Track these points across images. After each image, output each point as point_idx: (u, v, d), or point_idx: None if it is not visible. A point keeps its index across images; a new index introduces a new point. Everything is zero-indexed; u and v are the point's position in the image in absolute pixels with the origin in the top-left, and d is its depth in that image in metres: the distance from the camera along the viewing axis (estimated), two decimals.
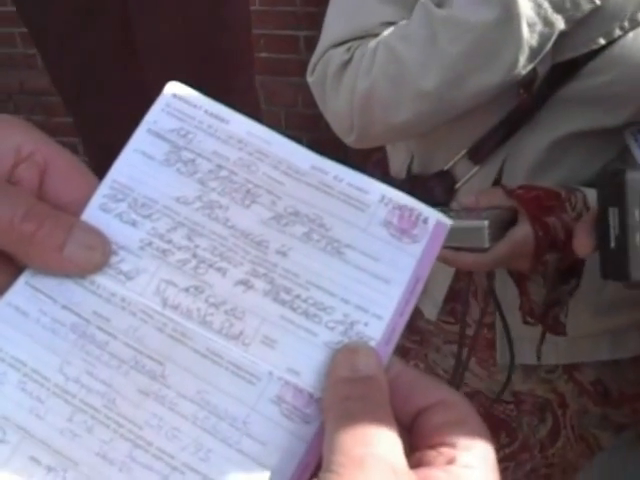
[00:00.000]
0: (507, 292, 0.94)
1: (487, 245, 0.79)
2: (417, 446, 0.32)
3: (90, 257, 0.35)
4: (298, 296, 0.35)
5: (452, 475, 0.30)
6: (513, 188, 0.85)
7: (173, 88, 0.39)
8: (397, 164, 1.03)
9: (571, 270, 0.85)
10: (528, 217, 0.81)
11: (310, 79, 0.96)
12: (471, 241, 0.79)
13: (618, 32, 0.82)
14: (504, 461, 1.08)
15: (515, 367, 0.99)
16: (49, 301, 0.35)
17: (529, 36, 0.79)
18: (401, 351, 1.08)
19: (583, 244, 0.67)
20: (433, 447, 0.32)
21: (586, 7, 0.79)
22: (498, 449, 1.05)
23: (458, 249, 0.81)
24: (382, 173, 1.05)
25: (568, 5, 0.78)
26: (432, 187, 0.96)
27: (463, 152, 0.93)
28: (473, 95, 0.85)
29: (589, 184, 0.87)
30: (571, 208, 0.82)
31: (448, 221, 0.37)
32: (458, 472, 0.31)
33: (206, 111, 0.39)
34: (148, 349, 0.34)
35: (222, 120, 0.39)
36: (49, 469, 0.32)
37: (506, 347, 0.95)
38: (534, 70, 0.84)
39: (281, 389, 0.34)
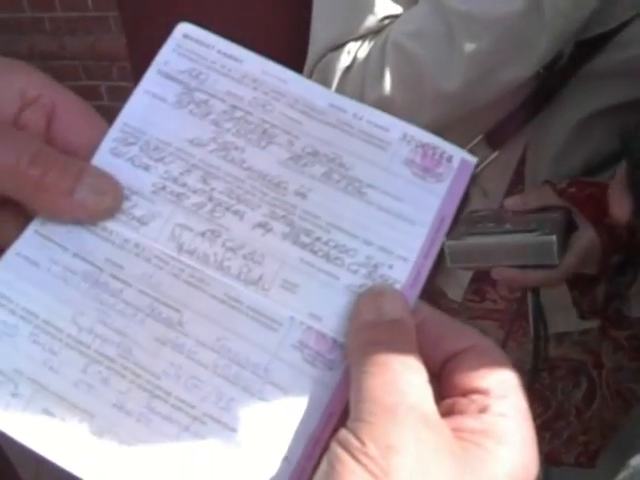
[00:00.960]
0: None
1: (557, 261, 0.74)
2: (447, 393, 0.31)
3: (101, 202, 0.34)
4: (319, 238, 0.34)
5: (485, 424, 0.29)
6: (563, 187, 0.80)
7: (184, 28, 0.38)
8: None
9: (628, 261, 0.82)
10: (589, 222, 0.76)
11: None
12: (540, 259, 0.74)
13: None
14: (540, 432, 1.06)
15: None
16: (59, 249, 0.34)
17: (561, 21, 0.73)
18: None
19: (621, 208, 0.64)
20: (465, 394, 0.30)
21: None
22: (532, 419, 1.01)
23: (523, 267, 0.77)
24: None
25: None
26: None
27: (479, 137, 0.87)
28: (498, 91, 0.78)
29: (615, 156, 0.83)
30: None
31: (473, 159, 0.36)
32: (491, 421, 0.29)
33: (219, 51, 0.37)
34: (164, 296, 0.33)
35: (235, 59, 0.37)
36: (64, 421, 0.31)
37: (538, 318, 0.92)
38: (559, 51, 0.79)
39: (303, 334, 0.33)
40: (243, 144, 0.36)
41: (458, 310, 1.03)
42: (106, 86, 2.91)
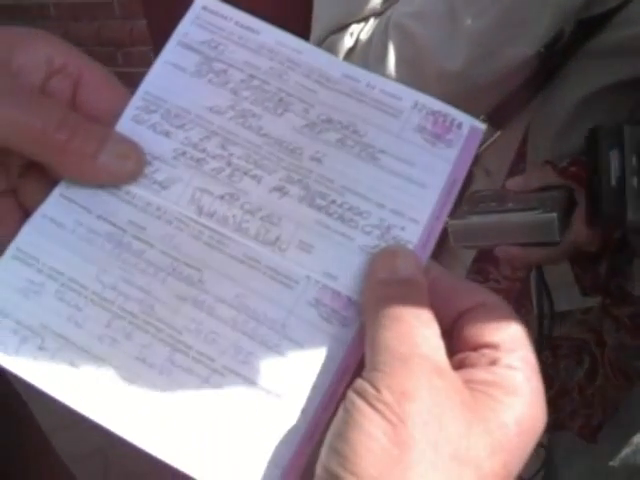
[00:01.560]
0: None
1: (558, 238, 0.74)
2: (458, 349, 0.32)
3: (124, 166, 0.35)
4: (333, 201, 0.35)
5: (495, 376, 0.30)
6: (564, 166, 0.80)
7: (203, 1, 0.39)
8: None
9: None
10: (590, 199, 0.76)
11: None
12: (541, 236, 0.74)
13: None
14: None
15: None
16: (84, 212, 0.35)
17: None
18: None
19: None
20: (475, 349, 0.32)
21: None
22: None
23: (525, 244, 0.77)
24: None
25: None
26: None
27: (482, 117, 0.86)
28: (501, 70, 0.78)
29: None
30: None
31: (482, 125, 0.37)
32: (501, 373, 0.31)
33: (236, 22, 0.39)
34: (185, 256, 0.35)
35: (252, 31, 0.38)
36: (88, 373, 0.33)
37: (541, 296, 0.93)
38: (560, 30, 0.79)
39: (319, 292, 0.34)
40: (260, 112, 0.37)
41: None
42: (111, 72, 2.92)
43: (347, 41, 0.83)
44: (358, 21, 0.84)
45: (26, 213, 0.36)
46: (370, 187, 0.36)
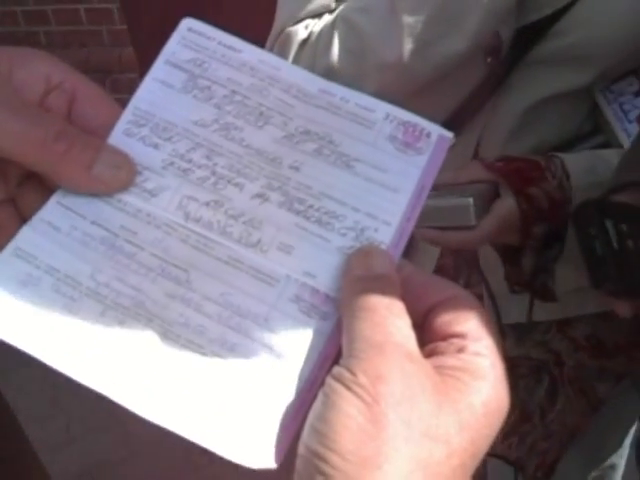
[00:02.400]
0: (488, 254, 0.95)
1: (474, 222, 0.79)
2: (429, 339, 0.35)
3: (116, 175, 0.38)
4: (311, 206, 0.38)
5: (463, 362, 0.33)
6: (492, 161, 0.85)
7: (188, 23, 0.42)
8: None
9: (554, 236, 0.85)
10: (511, 190, 0.82)
11: None
12: (457, 220, 0.79)
13: None
14: (509, 437, 1.09)
15: (506, 329, 1.01)
16: (79, 217, 0.38)
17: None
18: None
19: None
20: (444, 338, 0.35)
21: None
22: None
23: (444, 229, 0.82)
24: None
25: None
26: None
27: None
28: (437, 64, 0.85)
29: (565, 145, 0.89)
30: (552, 176, 0.82)
31: (450, 134, 0.40)
32: (469, 359, 0.33)
33: (219, 42, 0.42)
34: (173, 258, 0.37)
35: (234, 50, 0.41)
36: (83, 345, 0.35)
37: (497, 310, 0.97)
38: (498, 36, 0.85)
39: (299, 289, 0.37)
40: (242, 124, 0.40)
41: None
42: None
43: (301, 33, 0.90)
44: (313, 16, 0.91)
45: (24, 221, 0.38)
46: (345, 192, 0.38)
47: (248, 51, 0.42)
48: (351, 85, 0.86)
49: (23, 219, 0.39)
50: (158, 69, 0.41)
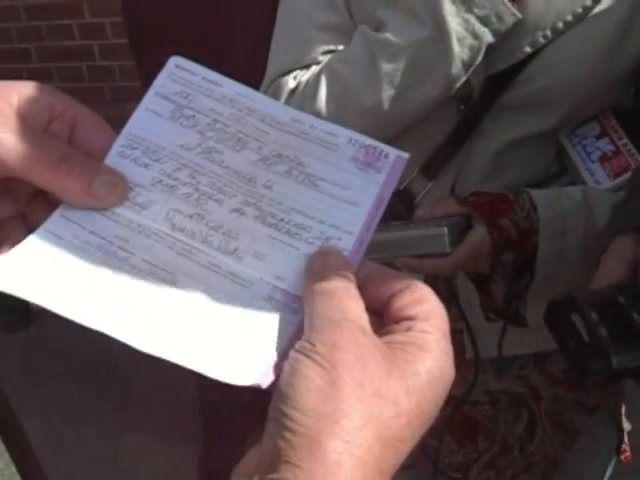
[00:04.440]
0: (468, 290, 1.00)
1: (448, 249, 0.86)
2: (386, 325, 0.40)
3: (112, 192, 0.43)
4: (282, 219, 0.43)
5: (410, 337, 0.38)
6: (466, 196, 0.92)
7: (175, 60, 0.48)
8: None
9: (525, 265, 0.92)
10: (483, 221, 0.88)
11: None
12: (433, 247, 0.86)
13: (542, 41, 0.91)
14: (486, 470, 1.13)
15: (486, 364, 1.06)
16: (79, 228, 0.43)
17: (460, 50, 0.88)
18: None
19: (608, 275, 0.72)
20: (397, 322, 0.39)
21: (509, 20, 0.88)
22: (478, 456, 1.11)
23: (421, 256, 0.88)
24: None
25: (493, 19, 0.88)
26: (393, 205, 1.01)
27: (415, 171, 1.00)
28: (413, 108, 0.93)
29: (534, 185, 0.95)
30: (520, 208, 0.89)
31: (405, 155, 0.45)
32: (415, 335, 0.38)
33: (203, 77, 0.47)
34: (161, 263, 0.42)
35: (216, 84, 0.47)
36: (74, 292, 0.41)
37: (474, 343, 1.01)
38: (469, 84, 0.92)
39: (271, 291, 0.42)
40: (222, 148, 0.45)
41: None
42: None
43: (290, 83, 0.98)
44: (301, 68, 0.99)
45: None
46: (312, 207, 0.44)
47: (228, 85, 0.47)
48: None
49: (31, 232, 0.44)
50: (149, 100, 0.47)
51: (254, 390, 0.38)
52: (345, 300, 0.38)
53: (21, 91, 0.43)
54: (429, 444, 1.11)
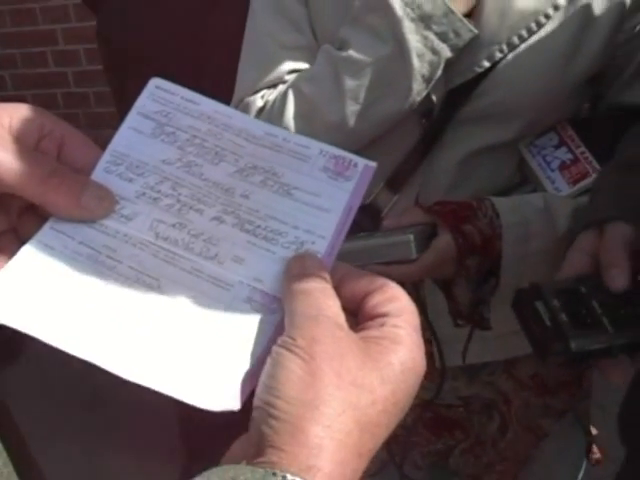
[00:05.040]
0: (437, 301, 1.04)
1: (414, 256, 0.90)
2: (361, 322, 0.43)
3: (100, 205, 0.46)
4: (259, 226, 0.47)
5: (383, 332, 0.41)
6: (430, 205, 0.96)
7: (155, 81, 0.51)
8: None
9: (490, 271, 0.95)
10: (447, 228, 0.92)
11: None
12: (400, 254, 0.90)
13: (499, 55, 0.95)
14: (464, 454, 1.17)
15: (457, 370, 1.09)
16: (69, 239, 0.46)
17: (420, 65, 0.92)
18: None
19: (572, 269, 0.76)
20: (371, 319, 0.43)
21: (466, 35, 0.92)
22: (456, 444, 1.15)
23: (389, 264, 0.92)
24: None
25: (451, 35, 0.92)
26: (360, 220, 1.04)
27: (381, 185, 1.04)
28: (377, 123, 0.97)
29: (497, 195, 0.99)
30: (482, 215, 0.93)
31: (373, 164, 0.49)
32: (388, 330, 0.41)
33: (182, 97, 0.51)
34: (146, 269, 0.45)
35: (194, 102, 0.51)
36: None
37: (441, 353, 1.05)
38: (430, 99, 0.97)
39: (250, 292, 0.45)
40: (201, 162, 0.49)
41: None
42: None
43: (258, 102, 1.02)
44: (268, 87, 1.02)
45: None
46: (287, 214, 0.47)
47: (205, 103, 0.51)
48: None
49: (23, 245, 0.47)
50: (131, 119, 0.50)
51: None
52: (322, 298, 0.41)
53: (12, 112, 0.46)
54: (395, 448, 1.15)
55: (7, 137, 0.45)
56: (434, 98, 0.97)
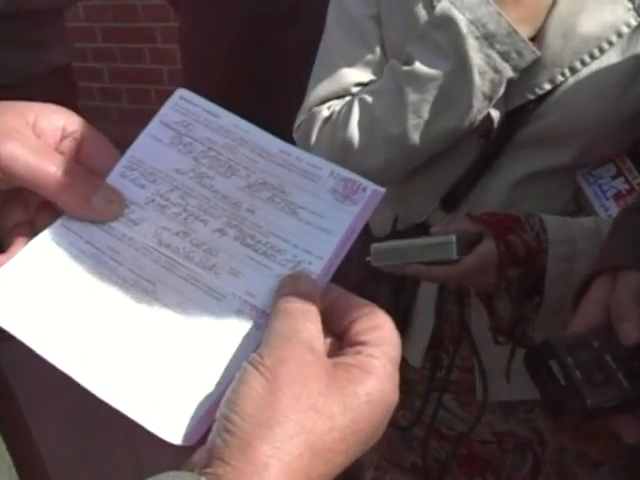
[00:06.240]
0: (481, 329, 1.02)
1: (455, 257, 0.90)
2: (342, 348, 0.43)
3: (109, 208, 0.48)
4: (259, 241, 0.47)
5: (356, 360, 0.41)
6: (478, 215, 0.96)
7: (181, 92, 0.53)
8: (379, 221, 1.12)
9: (534, 288, 0.94)
10: (491, 235, 0.92)
11: (295, 135, 1.09)
12: (441, 254, 0.90)
13: (560, 78, 0.94)
14: None
15: (494, 405, 1.07)
16: (76, 237, 0.48)
17: (481, 83, 0.93)
18: None
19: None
20: (351, 345, 0.43)
21: (529, 57, 0.92)
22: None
23: (429, 264, 0.92)
24: (362, 232, 1.13)
25: (514, 55, 0.92)
26: (409, 237, 1.04)
27: (435, 204, 1.04)
28: (437, 138, 0.97)
29: None
30: (530, 228, 0.93)
31: (382, 189, 0.49)
32: (362, 359, 0.41)
33: (204, 109, 0.52)
34: (145, 274, 0.47)
35: (215, 115, 0.52)
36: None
37: (485, 386, 1.04)
38: (490, 119, 0.97)
39: (241, 305, 0.46)
40: (213, 174, 0.50)
41: (417, 381, 1.14)
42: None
43: (324, 112, 1.05)
44: (335, 98, 1.06)
45: None
46: (289, 232, 0.48)
47: (225, 117, 0.52)
48: (363, 157, 0.99)
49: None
50: (153, 127, 0.52)
51: None
52: (301, 320, 0.42)
53: (38, 111, 0.49)
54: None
55: (29, 134, 0.47)
56: (494, 117, 0.97)
